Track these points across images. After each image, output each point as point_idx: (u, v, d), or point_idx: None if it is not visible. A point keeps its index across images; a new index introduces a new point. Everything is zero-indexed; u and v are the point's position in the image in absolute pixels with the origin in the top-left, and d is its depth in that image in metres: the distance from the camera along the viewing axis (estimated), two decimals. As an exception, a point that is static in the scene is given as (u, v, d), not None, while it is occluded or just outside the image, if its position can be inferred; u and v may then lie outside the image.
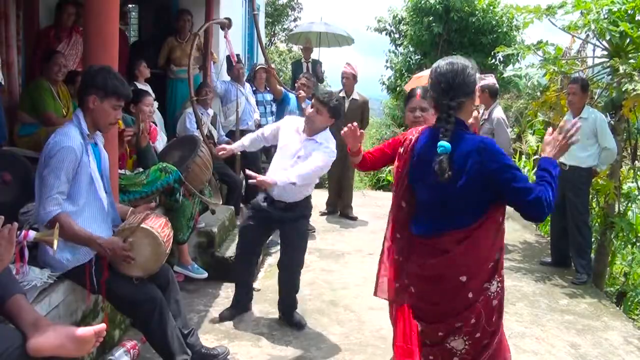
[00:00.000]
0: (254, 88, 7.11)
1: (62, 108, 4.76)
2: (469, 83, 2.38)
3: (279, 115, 6.58)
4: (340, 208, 7.50)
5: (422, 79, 7.41)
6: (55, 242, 2.48)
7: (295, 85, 6.47)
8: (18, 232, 2.20)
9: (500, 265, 2.47)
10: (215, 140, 6.04)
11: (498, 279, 2.46)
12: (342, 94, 7.05)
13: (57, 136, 2.86)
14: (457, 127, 2.33)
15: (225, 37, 6.12)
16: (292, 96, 6.40)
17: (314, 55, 10.68)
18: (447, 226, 2.38)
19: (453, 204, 2.35)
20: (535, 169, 2.40)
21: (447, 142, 2.26)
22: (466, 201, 2.33)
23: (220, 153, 4.15)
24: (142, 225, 2.95)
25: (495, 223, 2.39)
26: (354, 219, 7.37)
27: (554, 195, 2.25)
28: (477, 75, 2.43)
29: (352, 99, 6.99)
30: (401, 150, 2.58)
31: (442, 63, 2.41)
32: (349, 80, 7.00)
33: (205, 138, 5.51)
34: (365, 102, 7.20)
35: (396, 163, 2.62)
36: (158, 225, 3.01)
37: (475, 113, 4.23)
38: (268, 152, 6.72)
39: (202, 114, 5.91)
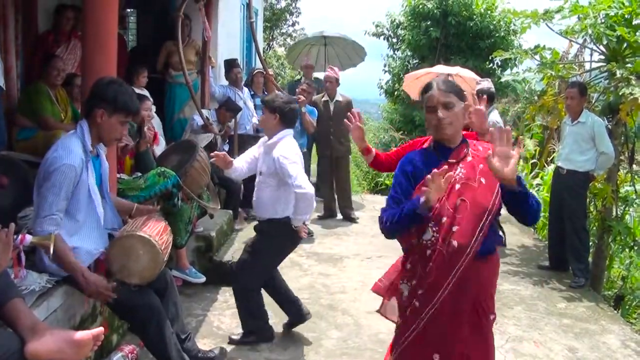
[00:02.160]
0: (252, 92, 7.14)
1: (61, 112, 4.76)
2: None
3: None
4: (340, 209, 7.54)
5: (422, 78, 7.29)
6: (52, 247, 2.48)
7: (296, 91, 6.50)
8: (15, 236, 2.20)
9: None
10: (217, 149, 6.06)
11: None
12: (325, 98, 7.14)
13: (58, 150, 2.78)
14: None
15: (199, 9, 6.12)
16: None
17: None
18: None
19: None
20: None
21: None
22: None
23: (212, 159, 3.85)
24: (140, 233, 2.92)
25: None
26: (355, 220, 7.41)
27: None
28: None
29: (336, 100, 7.13)
30: None
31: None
32: (332, 84, 7.16)
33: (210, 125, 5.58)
34: (349, 102, 7.28)
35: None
36: (157, 232, 2.99)
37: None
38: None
39: (214, 120, 5.94)
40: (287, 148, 3.67)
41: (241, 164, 3.87)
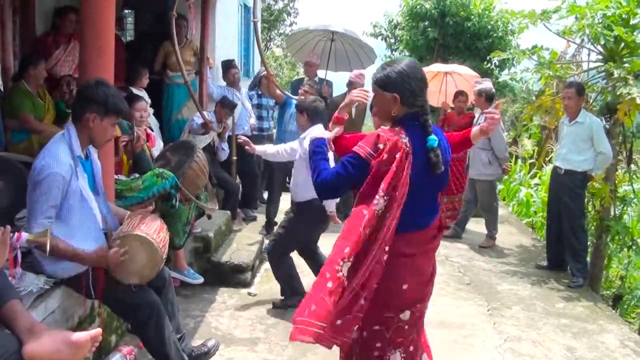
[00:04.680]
0: (259, 92, 7.17)
1: (43, 107, 4.71)
2: None
3: (281, 118, 6.66)
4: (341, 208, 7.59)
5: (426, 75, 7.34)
6: (48, 243, 2.47)
7: (299, 91, 6.51)
8: (11, 235, 2.20)
9: None
10: (215, 149, 6.07)
11: None
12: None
13: (45, 158, 2.76)
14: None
15: (189, 7, 6.10)
16: (294, 101, 6.42)
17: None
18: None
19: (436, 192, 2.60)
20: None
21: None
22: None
23: (246, 146, 4.60)
24: (137, 232, 2.91)
25: None
26: None
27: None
28: None
29: (358, 104, 7.00)
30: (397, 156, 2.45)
31: (412, 66, 2.46)
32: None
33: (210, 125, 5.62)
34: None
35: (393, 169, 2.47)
36: (153, 230, 2.98)
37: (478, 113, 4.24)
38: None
39: (213, 120, 5.94)
40: None
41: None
